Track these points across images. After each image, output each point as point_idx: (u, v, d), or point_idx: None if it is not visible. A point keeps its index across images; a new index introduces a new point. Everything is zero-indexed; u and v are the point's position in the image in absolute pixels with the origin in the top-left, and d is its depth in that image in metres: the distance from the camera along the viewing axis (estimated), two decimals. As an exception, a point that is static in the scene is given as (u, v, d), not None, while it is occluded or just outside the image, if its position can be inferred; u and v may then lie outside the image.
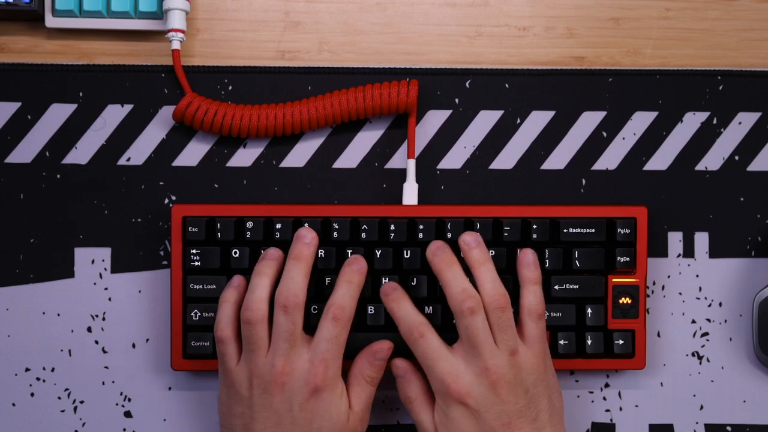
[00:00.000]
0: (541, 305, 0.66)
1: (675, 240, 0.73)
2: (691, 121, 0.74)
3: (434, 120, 0.73)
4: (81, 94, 0.73)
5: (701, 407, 0.73)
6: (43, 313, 0.72)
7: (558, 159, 0.73)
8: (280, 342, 0.63)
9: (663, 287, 0.74)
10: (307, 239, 0.66)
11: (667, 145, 0.74)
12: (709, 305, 0.74)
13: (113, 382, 0.72)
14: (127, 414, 0.72)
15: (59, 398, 0.72)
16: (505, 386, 0.63)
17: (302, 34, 0.74)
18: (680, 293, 0.74)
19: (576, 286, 0.70)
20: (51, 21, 0.72)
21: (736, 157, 0.74)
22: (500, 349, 0.64)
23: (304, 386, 0.63)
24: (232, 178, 0.73)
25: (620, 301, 0.70)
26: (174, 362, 0.70)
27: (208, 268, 0.69)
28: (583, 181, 0.73)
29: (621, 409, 0.73)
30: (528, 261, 0.67)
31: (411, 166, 0.72)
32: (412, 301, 0.66)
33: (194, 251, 0.69)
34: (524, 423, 0.63)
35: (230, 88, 0.73)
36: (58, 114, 0.73)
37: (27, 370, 0.72)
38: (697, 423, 0.73)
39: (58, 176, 0.72)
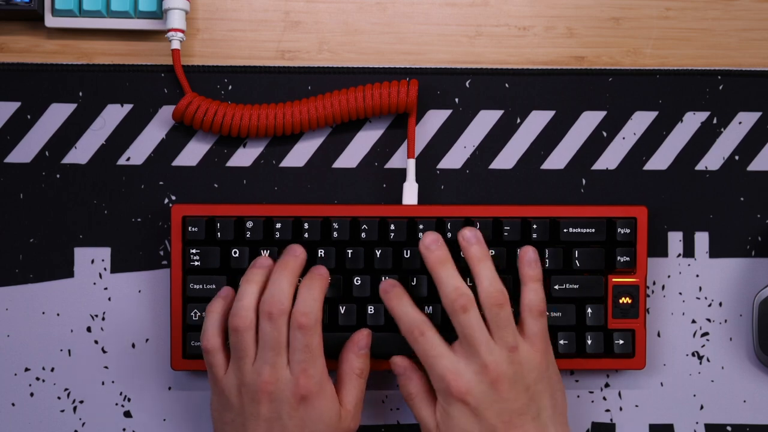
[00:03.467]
0: (542, 302, 0.66)
1: (675, 240, 0.73)
2: (691, 121, 0.74)
3: (434, 120, 0.73)
4: (80, 93, 0.73)
5: (701, 407, 0.73)
6: (43, 312, 0.72)
7: (558, 159, 0.73)
8: (266, 350, 0.63)
9: (663, 287, 0.74)
10: (296, 252, 0.66)
11: (667, 145, 0.74)
12: (709, 305, 0.74)
13: (113, 382, 0.72)
14: (127, 414, 0.72)
15: (59, 398, 0.72)
16: (505, 383, 0.63)
17: (302, 33, 0.74)
18: (680, 293, 0.74)
19: (576, 286, 0.70)
20: (51, 21, 0.72)
21: (736, 157, 0.74)
22: (498, 345, 0.63)
23: (291, 396, 0.63)
24: (231, 178, 0.73)
25: (620, 301, 0.70)
26: (174, 362, 0.70)
27: (207, 268, 0.69)
28: (583, 181, 0.73)
29: (621, 409, 0.73)
30: (529, 258, 0.66)
31: (411, 166, 0.72)
32: (411, 298, 0.66)
33: (194, 251, 0.69)
34: (526, 421, 0.63)
35: (230, 87, 0.73)
36: (57, 114, 0.73)
37: (27, 369, 0.72)
38: (697, 423, 0.73)
39: (58, 176, 0.72)
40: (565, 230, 0.70)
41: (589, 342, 0.70)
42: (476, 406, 0.63)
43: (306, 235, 0.69)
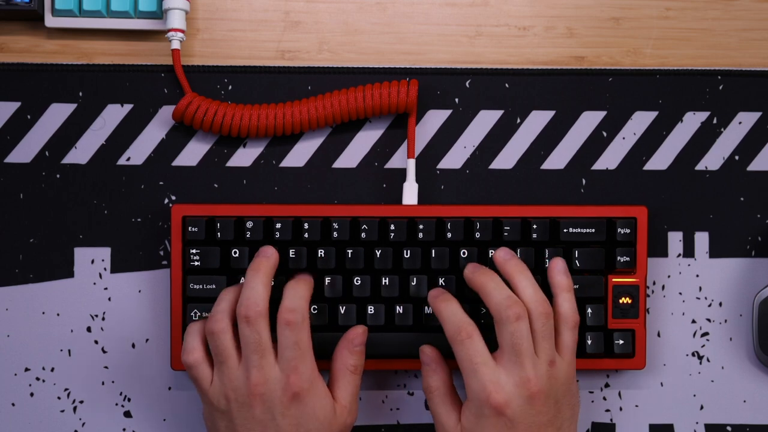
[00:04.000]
0: (576, 313, 0.66)
1: (675, 240, 0.73)
2: (691, 121, 0.74)
3: (434, 120, 0.73)
4: (80, 93, 0.73)
5: (701, 407, 0.73)
6: (43, 312, 0.72)
7: (558, 159, 0.73)
8: (250, 354, 0.63)
9: (663, 287, 0.74)
10: (268, 254, 0.66)
11: (667, 145, 0.74)
12: (709, 305, 0.74)
13: (113, 382, 0.72)
14: (127, 414, 0.72)
15: (59, 398, 0.72)
16: (542, 398, 0.62)
17: (302, 33, 0.74)
18: (680, 293, 0.74)
19: (576, 286, 0.70)
20: (51, 21, 0.72)
21: (736, 157, 0.74)
22: (540, 359, 0.63)
23: (282, 395, 0.63)
24: (232, 178, 0.73)
25: (620, 301, 0.70)
26: (174, 362, 0.70)
27: (207, 268, 0.69)
28: (583, 181, 0.73)
29: (621, 409, 0.73)
30: (560, 268, 0.67)
31: (411, 166, 0.72)
32: (460, 304, 0.65)
33: (194, 251, 0.69)
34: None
35: (230, 87, 0.73)
36: (57, 114, 0.73)
37: (27, 370, 0.72)
38: (697, 423, 0.73)
39: (58, 176, 0.72)
40: (565, 230, 0.70)
41: (589, 342, 0.70)
42: (512, 419, 0.62)
43: (306, 235, 0.69)
